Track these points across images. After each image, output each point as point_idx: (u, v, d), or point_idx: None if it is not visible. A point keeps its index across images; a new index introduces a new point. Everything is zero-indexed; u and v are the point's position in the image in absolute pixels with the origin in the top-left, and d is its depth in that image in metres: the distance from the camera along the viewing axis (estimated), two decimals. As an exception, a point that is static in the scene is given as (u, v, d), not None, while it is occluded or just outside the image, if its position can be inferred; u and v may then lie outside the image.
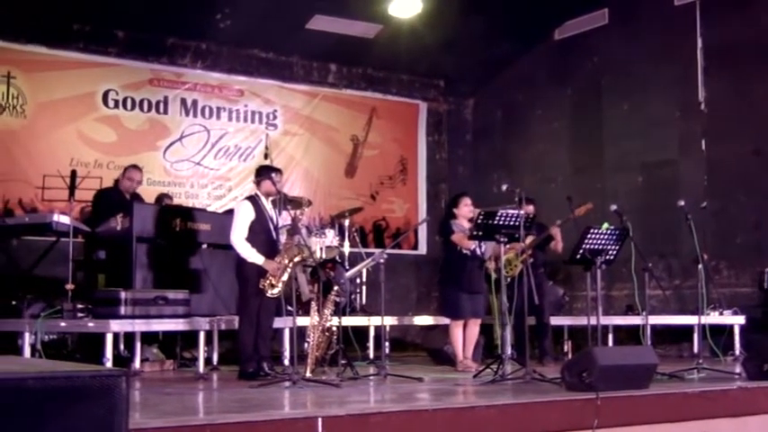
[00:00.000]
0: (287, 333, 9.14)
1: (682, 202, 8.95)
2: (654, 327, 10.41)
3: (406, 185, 14.62)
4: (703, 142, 11.82)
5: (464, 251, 9.33)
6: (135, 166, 10.38)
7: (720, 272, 11.42)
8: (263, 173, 8.33)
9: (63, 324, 8.63)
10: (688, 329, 10.68)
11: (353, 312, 10.93)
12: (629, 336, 11.08)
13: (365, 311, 11.18)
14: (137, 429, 4.34)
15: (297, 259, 8.08)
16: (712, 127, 11.76)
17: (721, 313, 10.67)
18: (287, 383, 7.09)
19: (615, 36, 12.91)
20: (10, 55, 11.40)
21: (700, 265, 8.89)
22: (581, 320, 10.29)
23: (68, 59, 11.80)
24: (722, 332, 10.27)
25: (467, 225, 9.32)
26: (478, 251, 9.29)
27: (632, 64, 12.64)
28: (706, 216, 11.03)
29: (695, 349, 10.01)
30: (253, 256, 8.00)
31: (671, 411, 6.51)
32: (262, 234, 8.13)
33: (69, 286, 8.95)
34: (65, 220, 9.26)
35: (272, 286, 7.90)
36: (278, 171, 8.51)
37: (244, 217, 8.11)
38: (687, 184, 11.76)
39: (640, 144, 12.49)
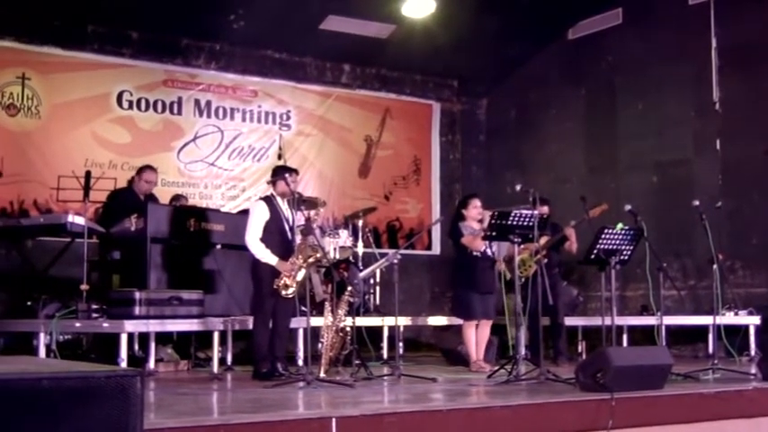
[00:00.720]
0: (301, 333, 9.17)
1: (696, 202, 8.94)
2: (668, 327, 10.35)
3: (420, 186, 14.62)
4: (718, 142, 11.77)
5: (474, 252, 9.33)
6: (150, 167, 10.41)
7: (735, 272, 11.38)
8: (278, 173, 8.35)
9: (78, 324, 8.66)
10: (703, 330, 10.63)
11: (367, 313, 10.92)
12: (643, 336, 11.02)
13: (379, 312, 11.18)
14: (151, 430, 4.34)
15: (311, 260, 8.10)
16: (727, 127, 11.71)
17: (736, 313, 10.61)
18: (301, 384, 7.10)
19: (629, 36, 12.87)
20: (25, 56, 11.44)
21: (714, 266, 8.86)
22: (595, 321, 10.27)
23: (83, 61, 11.84)
24: (737, 332, 10.22)
25: (476, 226, 9.33)
26: (489, 252, 9.28)
27: (646, 63, 12.60)
28: (721, 216, 11.02)
29: (710, 350, 9.97)
30: (266, 256, 8.01)
31: (686, 412, 6.50)
32: (277, 234, 8.14)
33: (84, 287, 8.98)
34: (79, 220, 9.29)
35: (287, 286, 7.92)
36: (293, 171, 8.51)
37: (258, 217, 8.13)
38: (702, 184, 11.72)
39: (655, 144, 12.45)
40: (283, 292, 7.92)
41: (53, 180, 10.41)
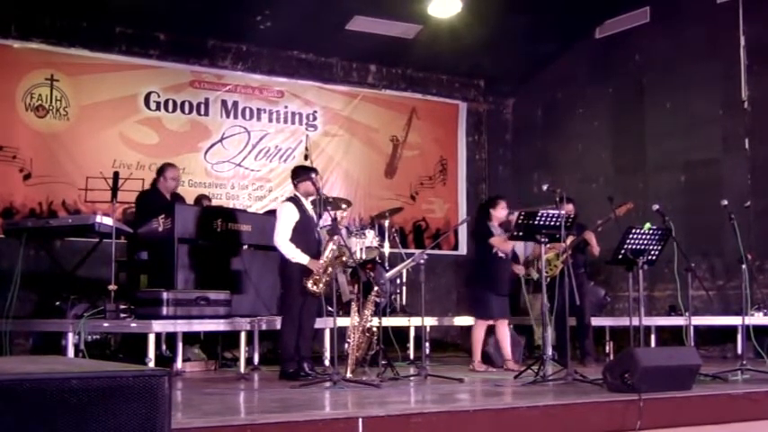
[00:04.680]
0: (327, 334, 9.17)
1: (725, 202, 8.87)
2: (697, 327, 10.30)
3: (446, 186, 14.60)
4: (746, 141, 11.69)
5: (500, 254, 9.33)
6: (171, 165, 10.37)
7: (765, 272, 11.29)
8: (302, 173, 8.34)
9: (106, 324, 8.70)
10: (732, 330, 10.56)
11: (394, 313, 10.94)
12: (671, 337, 10.98)
13: (405, 312, 11.19)
14: (179, 429, 4.37)
15: (339, 260, 8.10)
16: (756, 125, 11.63)
17: (766, 314, 10.53)
18: (327, 384, 7.10)
19: (657, 34, 12.80)
20: (53, 58, 11.52)
21: (743, 265, 8.78)
22: (623, 321, 10.21)
23: (110, 62, 11.91)
24: (766, 333, 10.14)
25: (498, 227, 9.37)
26: (519, 253, 9.25)
27: (674, 62, 12.53)
28: (749, 215, 10.93)
29: (739, 350, 9.89)
30: (298, 256, 7.98)
31: (714, 413, 6.46)
32: (305, 234, 8.11)
33: (112, 287, 9.03)
34: (107, 221, 9.34)
35: (316, 284, 7.88)
36: (315, 171, 8.51)
37: (288, 218, 8.10)
38: (730, 184, 11.65)
39: (683, 143, 12.37)
40: (313, 289, 7.87)
41: (81, 181, 10.46)
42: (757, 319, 10.13)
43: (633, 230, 7.97)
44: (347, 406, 6.09)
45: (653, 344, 10.66)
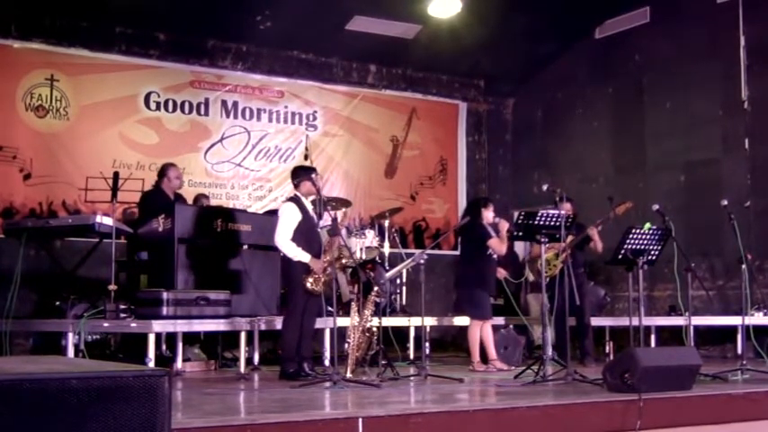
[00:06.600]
0: (327, 334, 9.17)
1: (725, 202, 8.87)
2: (697, 327, 10.30)
3: (446, 186, 14.60)
4: (746, 141, 11.70)
5: (494, 255, 9.35)
6: (173, 164, 10.39)
7: (764, 272, 11.29)
8: (302, 174, 8.32)
9: (106, 324, 8.70)
10: (732, 330, 10.57)
11: (394, 313, 10.93)
12: (671, 336, 10.98)
13: (405, 312, 11.19)
14: (179, 429, 4.36)
15: (343, 261, 8.10)
16: (755, 125, 11.63)
17: (766, 314, 10.53)
18: (327, 384, 7.10)
19: (657, 34, 12.80)
20: (53, 58, 11.53)
21: (743, 265, 8.78)
22: (623, 321, 10.21)
23: (110, 62, 11.91)
24: (766, 333, 10.14)
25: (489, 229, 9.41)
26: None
27: (674, 62, 12.53)
28: (749, 216, 10.94)
29: (739, 350, 9.89)
30: (300, 254, 7.96)
31: (714, 413, 6.45)
32: (307, 234, 8.09)
33: (112, 287, 9.03)
34: (107, 221, 9.33)
35: (316, 283, 7.87)
36: (314, 171, 8.49)
37: (290, 218, 8.07)
38: (730, 184, 11.65)
39: (683, 143, 12.38)
40: (313, 288, 7.86)
41: (81, 181, 10.46)
42: (757, 319, 10.13)
43: (633, 230, 7.97)
44: (347, 406, 6.09)
45: (653, 344, 10.66)
